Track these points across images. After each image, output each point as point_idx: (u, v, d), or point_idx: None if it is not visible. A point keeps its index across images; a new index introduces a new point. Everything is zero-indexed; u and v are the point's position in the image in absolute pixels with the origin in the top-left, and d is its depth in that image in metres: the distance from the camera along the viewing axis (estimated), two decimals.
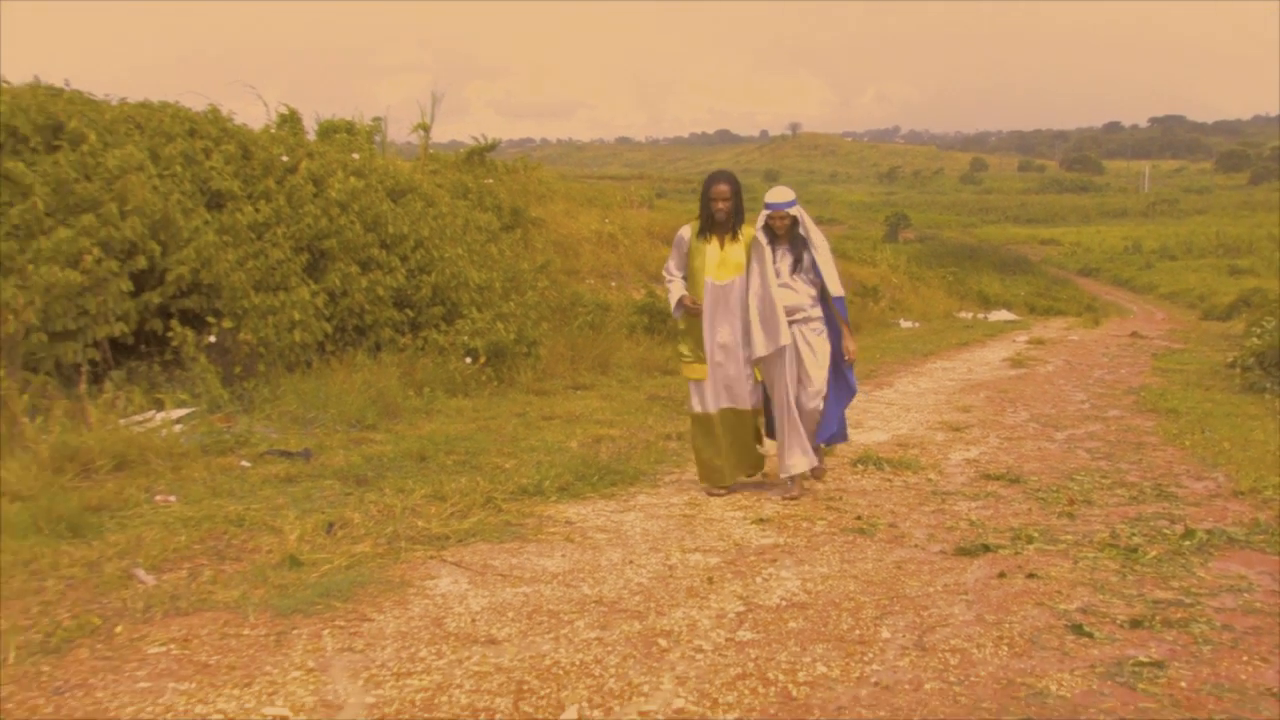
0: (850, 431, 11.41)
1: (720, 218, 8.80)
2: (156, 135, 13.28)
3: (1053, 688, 4.89)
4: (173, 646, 5.29)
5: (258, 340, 12.04)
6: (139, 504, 7.82)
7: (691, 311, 8.87)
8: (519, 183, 25.35)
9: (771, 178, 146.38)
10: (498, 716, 4.58)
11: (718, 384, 8.89)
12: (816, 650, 5.33)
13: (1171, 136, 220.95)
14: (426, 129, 23.22)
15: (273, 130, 17.31)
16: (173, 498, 8.00)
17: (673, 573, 6.60)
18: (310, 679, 4.94)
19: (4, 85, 13.05)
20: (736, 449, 9.01)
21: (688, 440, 9.86)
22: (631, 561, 6.80)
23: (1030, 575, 6.48)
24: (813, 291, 8.88)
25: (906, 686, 4.91)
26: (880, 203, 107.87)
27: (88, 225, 10.81)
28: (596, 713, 4.63)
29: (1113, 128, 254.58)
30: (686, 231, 9.11)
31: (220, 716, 4.55)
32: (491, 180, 23.43)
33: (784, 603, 6.05)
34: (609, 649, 5.33)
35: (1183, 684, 4.94)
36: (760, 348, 8.69)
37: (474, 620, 5.71)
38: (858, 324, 28.34)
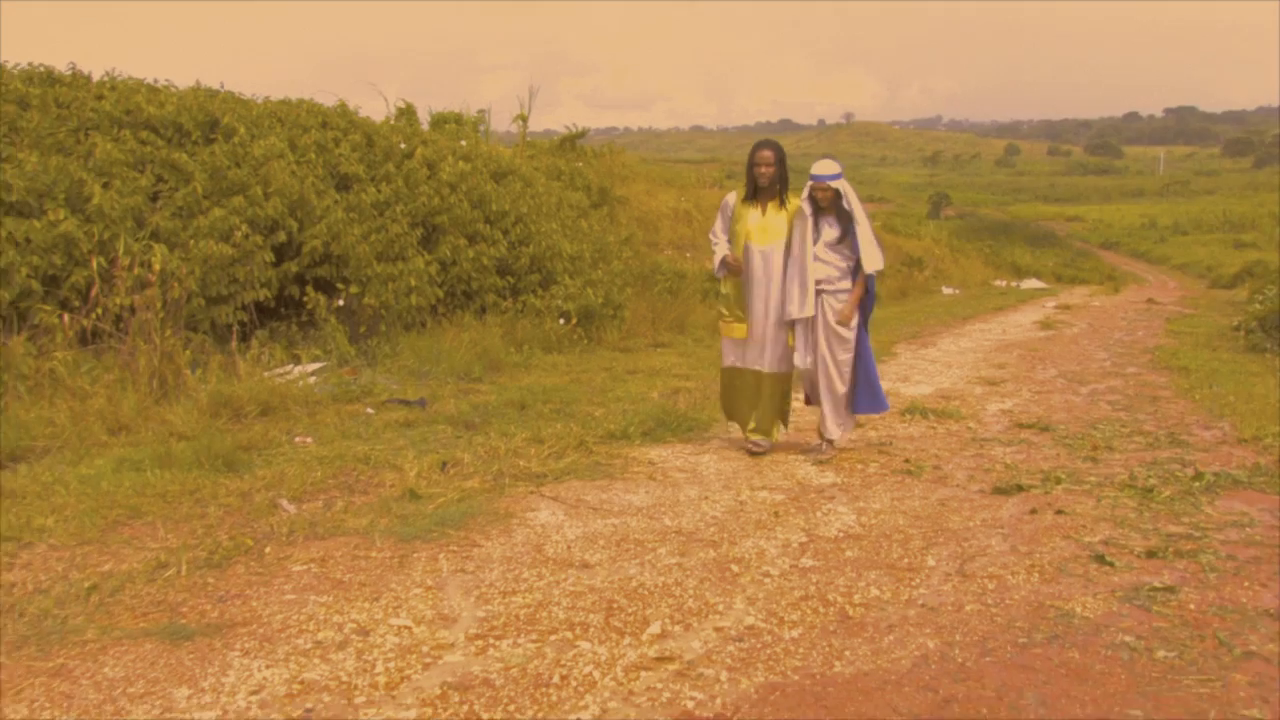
0: (900, 386, 11.45)
1: (763, 183, 8.17)
2: (294, 128, 13.44)
3: (1078, 609, 4.90)
4: (313, 565, 5.40)
5: (379, 304, 12.16)
6: (281, 444, 7.96)
7: (732, 269, 8.25)
8: (605, 166, 25.33)
9: None
10: (591, 630, 4.65)
11: (753, 344, 8.29)
12: (870, 576, 5.37)
13: (1184, 125, 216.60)
14: (525, 119, 23.24)
15: (392, 122, 17.46)
16: (309, 439, 8.14)
17: (743, 508, 6.65)
18: (429, 595, 5.03)
19: (172, 89, 13.26)
20: (765, 408, 8.33)
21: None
22: (707, 497, 6.85)
23: (1058, 512, 6.48)
24: (845, 265, 8.14)
25: (949, 608, 4.94)
26: (924, 184, 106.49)
27: (238, 206, 10.97)
28: (677, 628, 4.69)
29: (1132, 117, 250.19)
30: (732, 197, 8.48)
31: (353, 625, 4.66)
32: (581, 164, 23.44)
33: (841, 534, 6.08)
34: (687, 573, 5.39)
35: (1191, 606, 4.95)
36: (794, 311, 8.09)
37: (569, 547, 5.79)
38: (904, 290, 28.24)
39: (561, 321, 14.19)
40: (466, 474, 7.20)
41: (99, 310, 9.46)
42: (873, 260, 8.11)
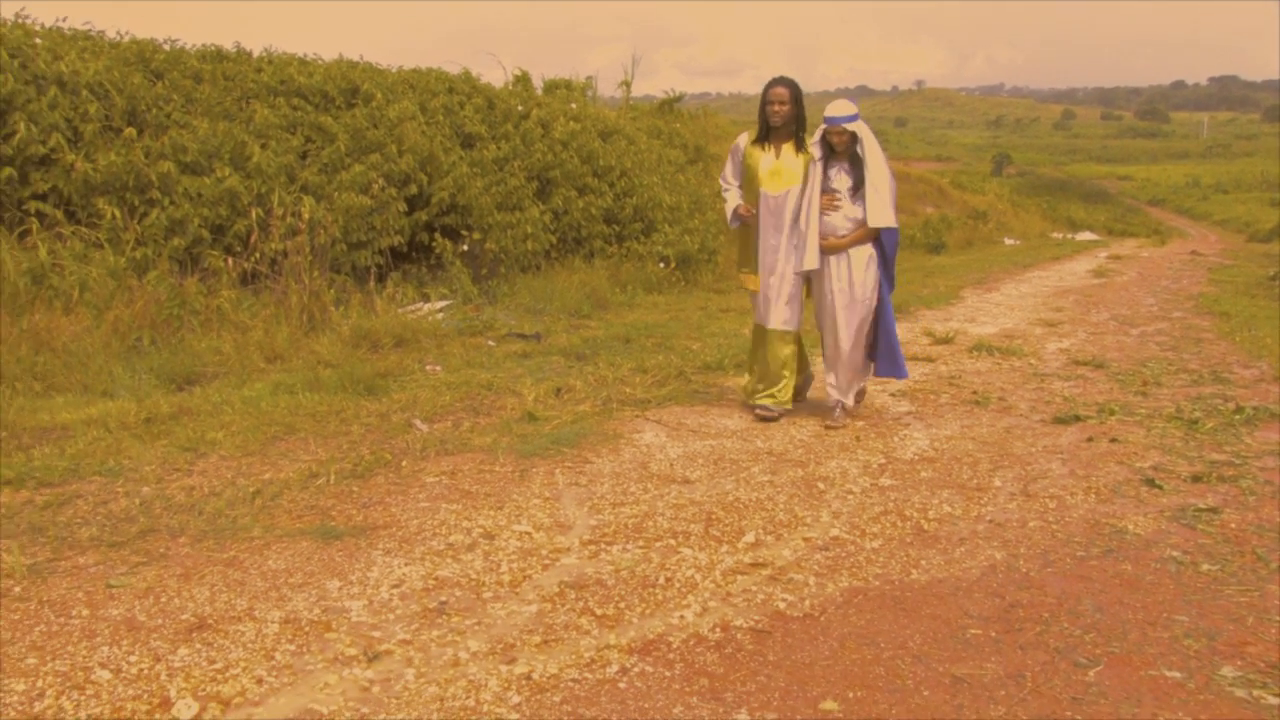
0: (967, 326, 11.25)
1: (775, 122, 6.82)
2: (424, 93, 13.50)
3: (1130, 527, 4.81)
4: (443, 477, 5.45)
5: (499, 249, 12.21)
6: (414, 372, 8.01)
7: (745, 219, 6.99)
8: (699, 126, 25.09)
9: (900, 124, 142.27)
10: (692, 538, 4.65)
11: (768, 298, 7.00)
12: (942, 494, 5.30)
13: (1227, 92, 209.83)
14: (628, 85, 23.04)
15: (510, 87, 17.42)
16: (438, 367, 8.19)
17: (827, 432, 6.60)
18: (546, 505, 5.06)
19: (319, 61, 13.37)
20: (770, 368, 7.07)
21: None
22: (794, 423, 6.80)
23: (1112, 440, 6.34)
24: (857, 218, 6.78)
25: (1014, 524, 4.87)
26: (988, 145, 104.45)
27: (375, 162, 11.05)
28: (769, 538, 4.67)
29: (1179, 85, 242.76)
30: (743, 139, 7.12)
31: (480, 530, 4.70)
32: (678, 124, 23.26)
33: (916, 457, 6.01)
34: (778, 489, 5.36)
35: (1232, 525, 4.84)
36: (798, 263, 6.86)
37: (671, 465, 5.78)
38: (970, 241, 27.71)
39: (661, 265, 14.16)
40: (578, 399, 7.21)
41: (257, 254, 9.59)
42: (879, 215, 6.72)
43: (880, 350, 7.01)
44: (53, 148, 9.29)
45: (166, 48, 12.39)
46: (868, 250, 6.82)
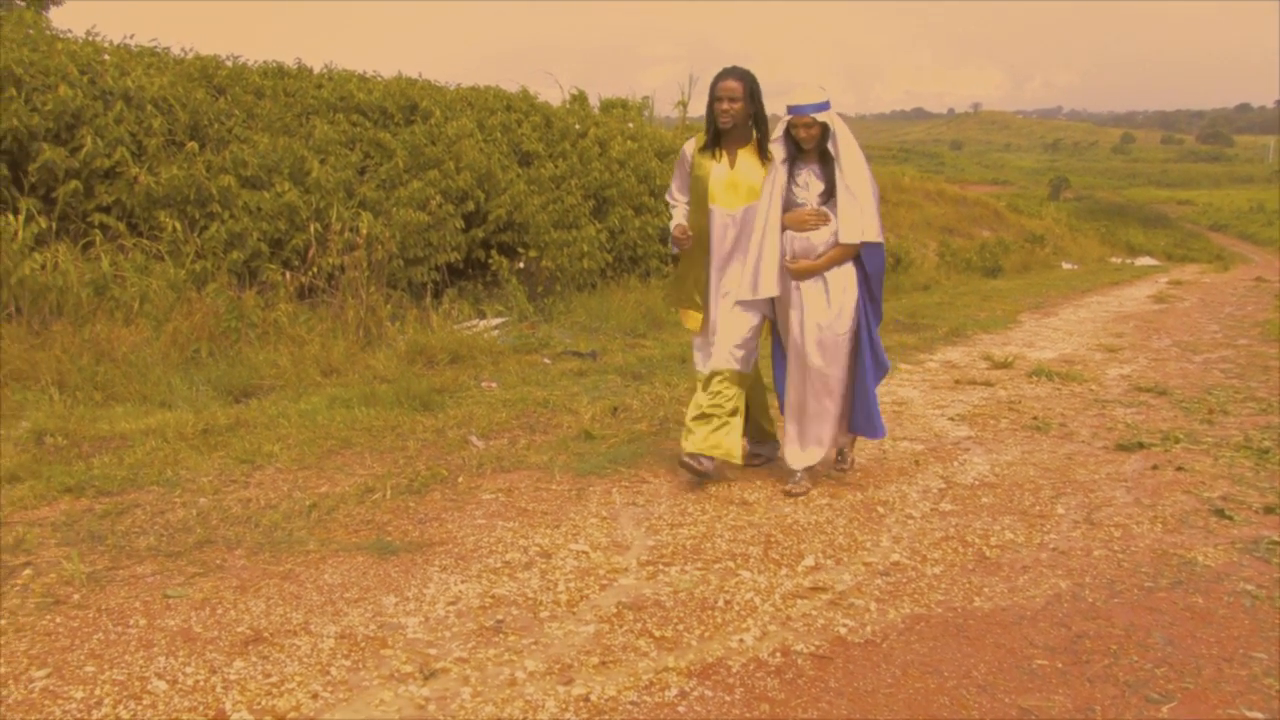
0: (1026, 350, 11.09)
1: (724, 124, 5.60)
2: (482, 110, 13.56)
3: (1200, 558, 4.68)
4: (500, 494, 5.43)
5: (555, 267, 12.22)
6: (469, 388, 8.01)
7: (680, 242, 5.78)
8: None
9: (956, 147, 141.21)
10: (751, 560, 4.59)
11: (718, 338, 5.77)
12: (1004, 521, 5.20)
13: None
14: (685, 105, 23.07)
15: (567, 106, 17.49)
16: (494, 384, 8.19)
17: (885, 456, 6.50)
18: (603, 524, 5.02)
19: (378, 78, 13.50)
20: (719, 410, 5.70)
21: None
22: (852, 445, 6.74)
23: (1179, 468, 6.19)
24: (831, 236, 5.54)
25: (1079, 552, 4.76)
26: (1045, 168, 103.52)
27: (433, 178, 11.09)
28: (829, 561, 4.60)
29: (1243, 108, 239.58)
30: (690, 146, 5.86)
31: (537, 548, 4.66)
32: None
33: (976, 482, 5.91)
34: (837, 513, 5.29)
35: None
36: (747, 289, 5.64)
37: (729, 485, 5.71)
38: (1027, 265, 27.40)
39: None
40: (635, 418, 7.16)
41: (315, 269, 9.66)
42: (856, 226, 5.45)
43: (855, 402, 5.79)
44: (117, 161, 9.40)
45: (229, 64, 12.54)
46: (847, 272, 5.60)
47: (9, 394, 7.00)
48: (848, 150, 5.49)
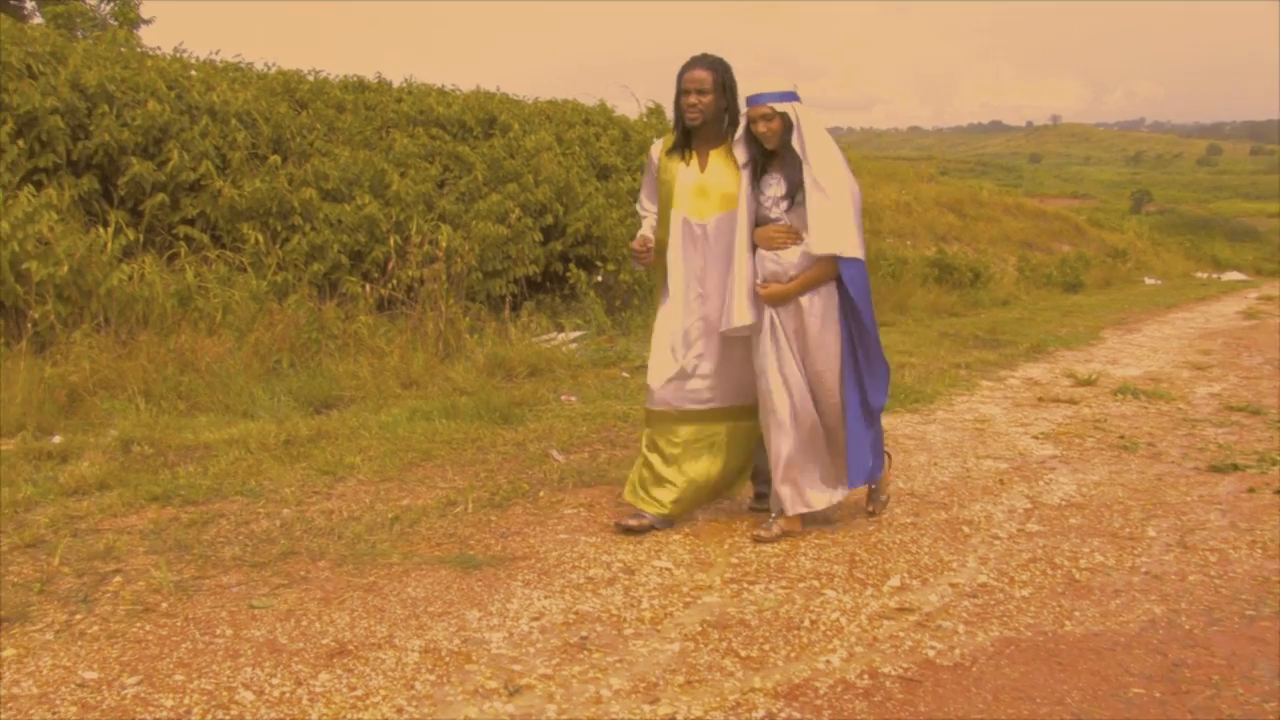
0: (1110, 368, 10.89)
1: (693, 120, 4.90)
2: (561, 124, 13.68)
3: None
4: (581, 509, 5.42)
5: (633, 280, 12.24)
6: (549, 401, 8.03)
7: (640, 258, 5.07)
8: None
9: (1035, 160, 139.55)
10: (835, 579, 4.53)
11: (684, 368, 5.08)
12: (1093, 543, 5.08)
13: None
14: None
15: (644, 119, 17.52)
16: (573, 397, 8.19)
17: (969, 474, 6.40)
18: (686, 541, 4.98)
19: (457, 92, 13.64)
20: (705, 479, 5.14)
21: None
22: (935, 464, 6.62)
23: (1277, 491, 6.01)
24: (803, 252, 4.82)
25: (1173, 577, 4.63)
26: (1126, 181, 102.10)
27: (511, 192, 11.16)
28: (915, 582, 4.53)
29: None
30: (657, 148, 5.18)
31: (620, 564, 4.64)
32: None
33: (1063, 503, 5.78)
34: (922, 532, 5.21)
35: None
36: (733, 316, 4.89)
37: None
38: (1108, 280, 26.93)
39: None
40: None
41: (394, 281, 9.76)
42: (827, 236, 4.71)
43: (849, 443, 5.03)
44: (202, 174, 9.57)
45: (311, 78, 12.74)
46: (826, 298, 4.89)
47: (98, 402, 7.14)
48: (817, 146, 4.75)
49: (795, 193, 4.81)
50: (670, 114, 5.21)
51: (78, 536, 4.83)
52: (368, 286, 9.66)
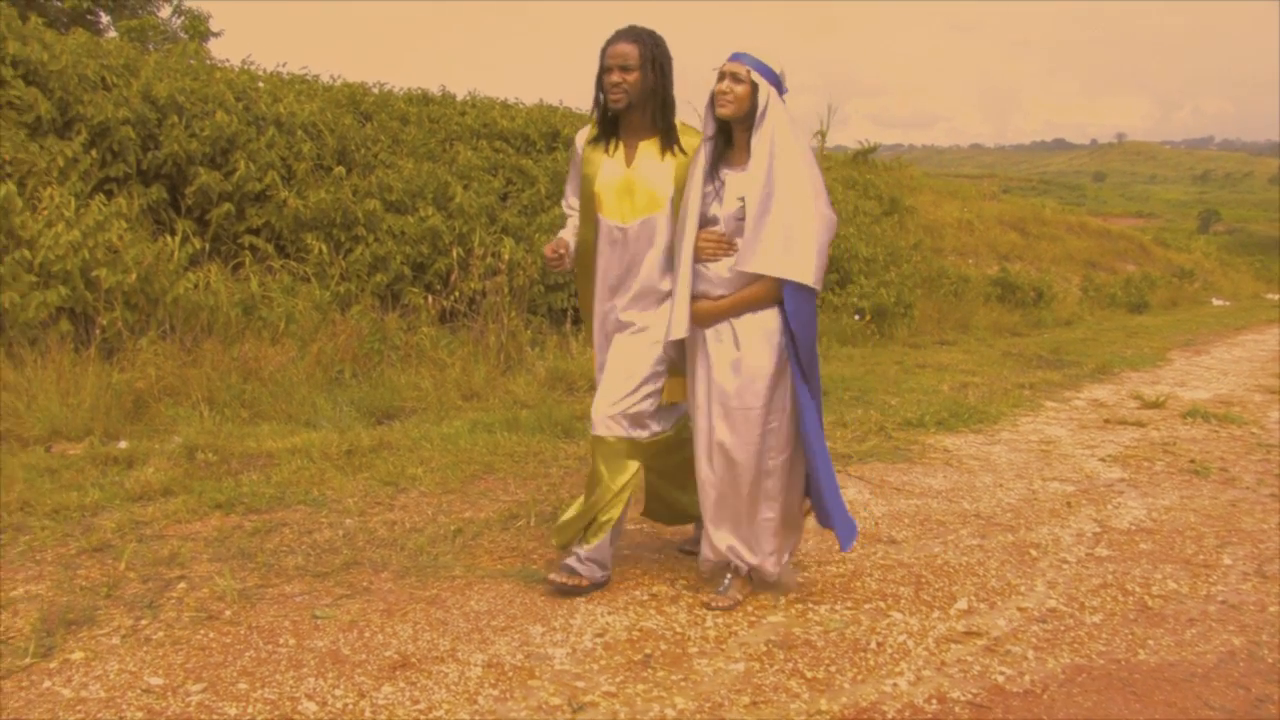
0: (1178, 390, 10.69)
1: (615, 101, 4.16)
2: None
3: None
4: (644, 525, 5.34)
5: None
6: None
7: (551, 265, 4.37)
8: (894, 178, 24.85)
9: (1099, 179, 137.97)
10: (902, 601, 4.46)
11: (603, 389, 4.41)
12: (1165, 569, 4.97)
13: None
14: (823, 135, 22.99)
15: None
16: None
17: (1035, 496, 6.30)
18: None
19: (520, 106, 13.71)
20: (598, 502, 4.33)
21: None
22: (1000, 485, 6.52)
23: None
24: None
25: (1251, 607, 4.51)
26: (1194, 201, 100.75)
27: None
28: (982, 605, 4.45)
29: None
30: (581, 136, 4.45)
31: (684, 582, 4.58)
32: (872, 176, 23.08)
33: (1133, 527, 5.67)
34: (988, 554, 5.12)
35: None
36: (671, 328, 4.15)
37: (877, 523, 5.59)
38: (1175, 301, 26.58)
39: (856, 317, 13.96)
40: None
41: (456, 293, 9.80)
42: (773, 255, 3.98)
43: (823, 491, 4.33)
44: (268, 185, 9.67)
45: (375, 91, 12.86)
46: (764, 323, 4.13)
47: (162, 409, 7.21)
48: (784, 144, 4.01)
49: (748, 194, 4.02)
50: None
51: (143, 542, 4.87)
52: (430, 298, 9.71)
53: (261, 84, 11.20)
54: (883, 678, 3.70)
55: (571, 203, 4.54)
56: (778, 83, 4.08)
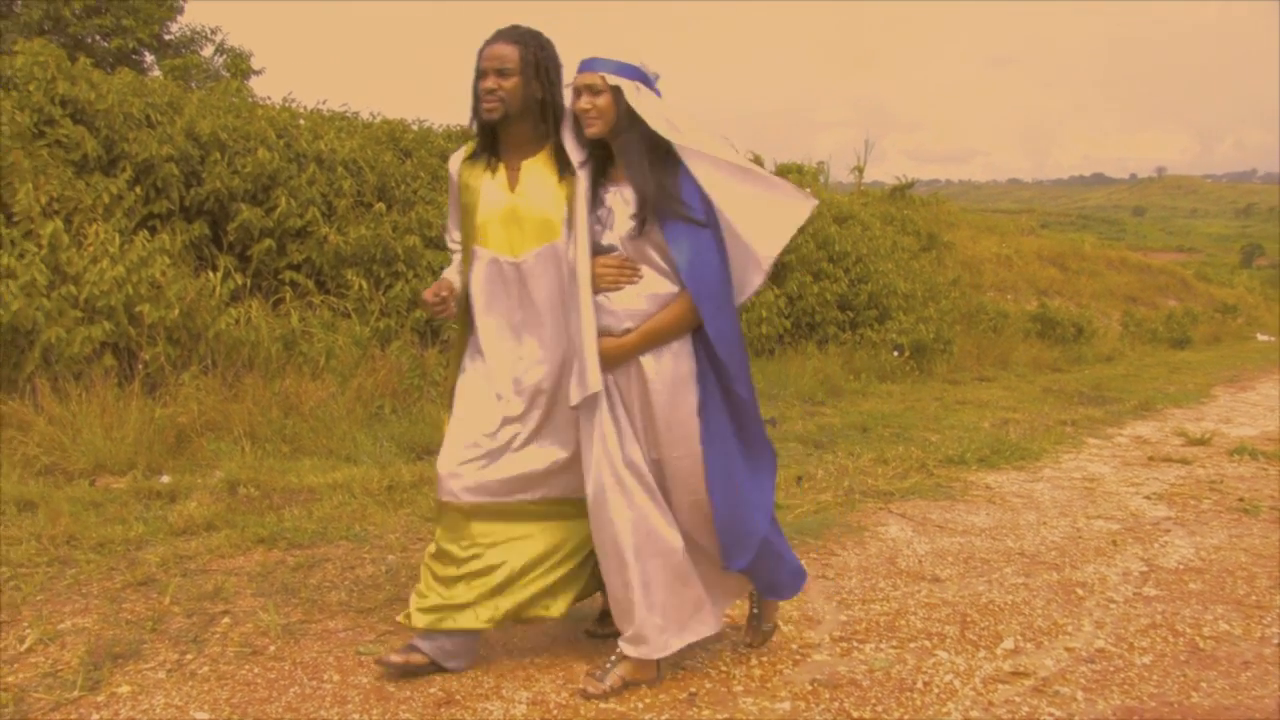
0: (1223, 427, 10.58)
1: (489, 111, 3.60)
2: None
3: None
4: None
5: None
6: None
7: (433, 310, 3.81)
8: (932, 213, 24.81)
9: (1139, 213, 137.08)
10: (947, 640, 4.43)
11: (487, 450, 3.73)
12: (1217, 610, 4.90)
13: None
14: (861, 170, 23.06)
15: None
16: None
17: (1080, 534, 6.24)
18: (793, 598, 4.92)
19: None
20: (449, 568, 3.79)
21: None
22: (1044, 523, 6.47)
23: None
24: (661, 291, 3.52)
25: None
26: (1236, 235, 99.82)
27: None
28: (1029, 645, 4.41)
29: None
30: (456, 158, 3.86)
31: (727, 619, 4.55)
32: (910, 211, 23.09)
33: (1182, 566, 5.61)
34: (1034, 593, 5.08)
35: None
36: (587, 382, 3.50)
37: (920, 561, 5.56)
38: (1218, 336, 26.34)
39: (895, 353, 13.94)
40: (820, 488, 7.05)
41: None
42: (766, 226, 3.60)
43: (768, 547, 3.76)
44: (309, 221, 9.76)
45: (415, 127, 12.94)
46: (677, 355, 3.57)
47: (204, 443, 7.27)
48: (694, 144, 3.51)
49: (647, 211, 3.48)
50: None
51: (187, 576, 4.90)
52: None
53: (302, 121, 11.31)
54: (930, 718, 3.67)
55: (455, 236, 3.94)
56: (644, 77, 3.52)
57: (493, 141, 3.73)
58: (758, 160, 18.64)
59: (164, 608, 4.49)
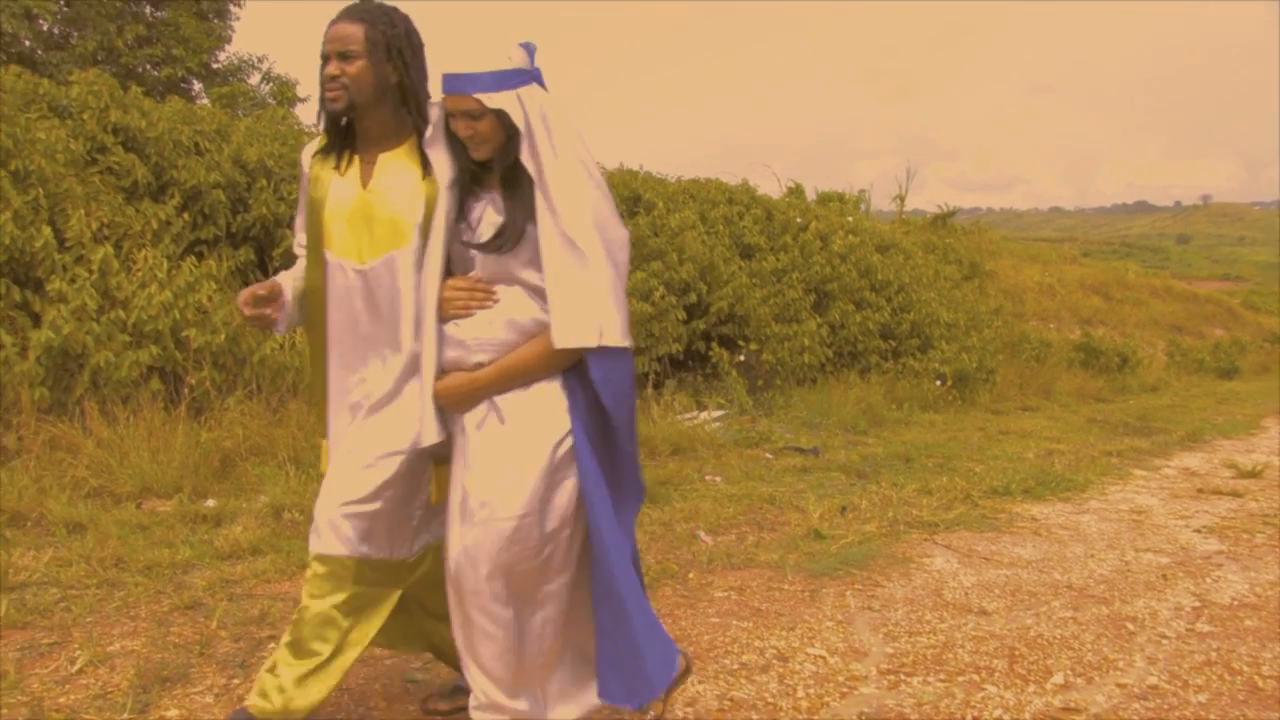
0: (1274, 459, 10.40)
1: (332, 100, 3.09)
2: (704, 203, 13.78)
3: None
4: (732, 593, 5.34)
5: (775, 360, 12.24)
6: (693, 481, 7.99)
7: (249, 320, 3.26)
8: (974, 242, 24.74)
9: (1183, 241, 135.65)
10: (996, 674, 4.38)
11: (328, 494, 3.33)
12: (1275, 648, 4.79)
13: None
14: (902, 199, 23.02)
15: (786, 199, 17.62)
16: (718, 478, 8.14)
17: (1129, 568, 6.16)
18: (839, 629, 4.87)
19: (601, 169, 13.86)
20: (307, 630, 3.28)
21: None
22: (1092, 555, 6.39)
23: None
24: (524, 318, 2.95)
25: None
26: None
27: (656, 269, 11.27)
28: (1079, 680, 4.35)
29: None
30: (308, 152, 3.34)
31: (773, 651, 4.55)
32: (951, 240, 23.02)
33: (1235, 602, 5.51)
34: (1083, 627, 5.01)
35: None
36: (423, 431, 3.04)
37: (966, 594, 5.50)
38: (1266, 366, 26.01)
39: (938, 383, 13.87)
40: (864, 519, 7.00)
41: None
42: (578, 318, 2.86)
43: (639, 628, 3.11)
44: None
45: None
46: (543, 401, 2.99)
47: (249, 468, 7.30)
48: (565, 170, 2.94)
49: (514, 229, 2.95)
50: None
51: (233, 600, 4.92)
52: None
53: None
54: None
55: (300, 240, 3.41)
56: (521, 73, 2.91)
57: (346, 135, 3.25)
58: (797, 190, 18.66)
59: (211, 632, 4.51)
